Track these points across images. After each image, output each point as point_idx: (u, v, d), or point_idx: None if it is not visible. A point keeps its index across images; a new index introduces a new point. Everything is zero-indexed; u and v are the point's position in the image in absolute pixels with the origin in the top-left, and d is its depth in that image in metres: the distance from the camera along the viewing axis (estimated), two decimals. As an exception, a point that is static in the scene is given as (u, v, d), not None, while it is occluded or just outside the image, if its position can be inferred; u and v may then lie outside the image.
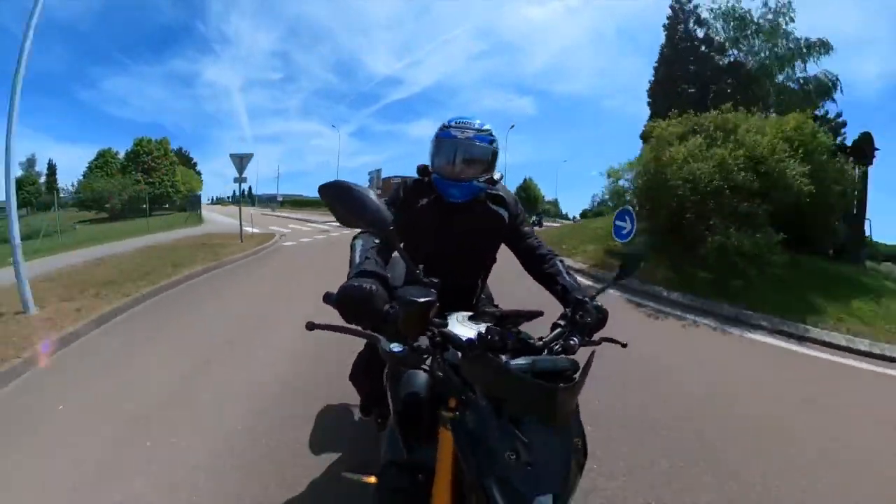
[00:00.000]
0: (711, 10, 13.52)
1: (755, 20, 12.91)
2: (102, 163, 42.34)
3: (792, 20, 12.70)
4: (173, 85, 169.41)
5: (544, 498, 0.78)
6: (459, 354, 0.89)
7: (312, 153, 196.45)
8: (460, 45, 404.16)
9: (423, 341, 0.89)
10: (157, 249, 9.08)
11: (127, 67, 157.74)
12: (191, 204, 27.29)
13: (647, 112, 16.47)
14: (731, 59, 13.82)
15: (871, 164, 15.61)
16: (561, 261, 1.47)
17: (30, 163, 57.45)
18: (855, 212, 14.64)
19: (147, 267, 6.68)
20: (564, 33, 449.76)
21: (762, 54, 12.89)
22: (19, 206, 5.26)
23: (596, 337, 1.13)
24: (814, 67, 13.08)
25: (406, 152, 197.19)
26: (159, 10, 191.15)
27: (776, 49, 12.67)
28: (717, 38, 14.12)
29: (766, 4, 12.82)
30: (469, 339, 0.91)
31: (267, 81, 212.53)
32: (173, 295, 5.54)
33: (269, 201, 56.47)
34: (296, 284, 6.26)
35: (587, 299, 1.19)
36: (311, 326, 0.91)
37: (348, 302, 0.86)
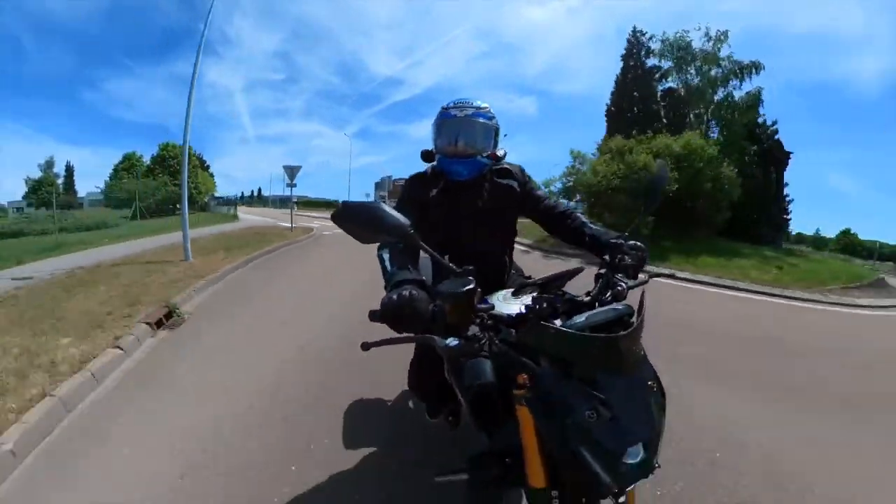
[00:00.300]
0: (662, 41, 16.57)
1: (695, 49, 15.88)
2: (128, 165, 45.68)
3: (728, 46, 15.77)
4: (176, 86, 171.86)
5: (634, 448, 0.80)
6: (513, 331, 0.90)
7: (314, 153, 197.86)
8: (461, 45, 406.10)
9: (475, 329, 0.89)
10: (230, 235, 12.18)
11: (131, 70, 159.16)
12: (226, 204, 30.81)
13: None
14: (667, 87, 16.98)
15: (784, 167, 18.79)
16: (581, 213, 1.47)
17: (48, 164, 59.89)
18: (775, 208, 18.46)
19: (240, 243, 9.82)
20: (565, 33, 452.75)
21: (698, 79, 15.75)
22: (37, 206, 8.33)
23: (643, 275, 1.14)
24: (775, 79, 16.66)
25: (408, 153, 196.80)
26: (162, 13, 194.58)
27: (711, 73, 15.61)
28: (663, 66, 17.20)
29: (706, 34, 15.85)
30: (519, 314, 0.92)
31: (269, 82, 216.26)
32: (272, 257, 8.71)
33: (281, 202, 59.42)
34: (343, 251, 9.38)
35: (621, 241, 1.17)
36: (366, 347, 0.92)
37: (393, 314, 0.90)
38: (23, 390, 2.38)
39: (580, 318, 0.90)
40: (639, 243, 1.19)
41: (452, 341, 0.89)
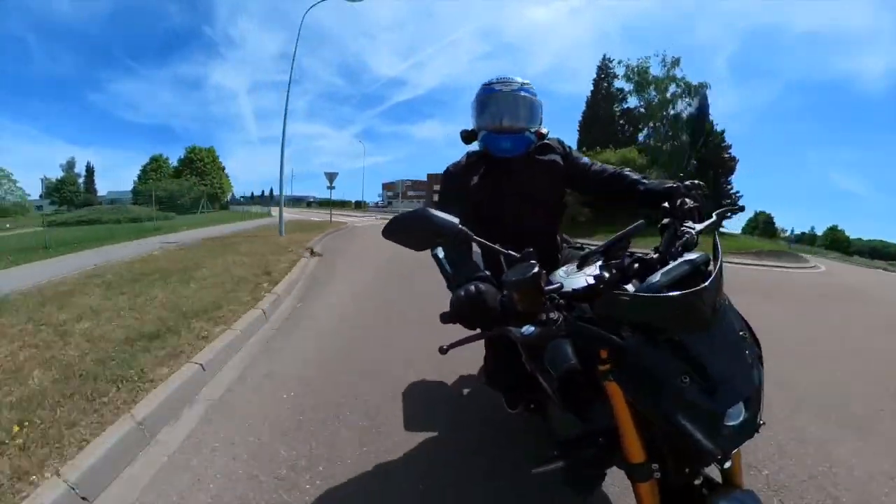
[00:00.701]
0: (626, 66, 20.53)
1: (651, 74, 19.67)
2: (156, 167, 49.59)
3: (681, 69, 19.73)
4: (181, 88, 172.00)
5: (735, 408, 0.76)
6: (587, 306, 0.87)
7: (318, 154, 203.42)
8: (464, 46, 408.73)
9: (548, 312, 0.84)
10: (289, 224, 15.78)
11: (136, 72, 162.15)
12: (240, 204, 34.51)
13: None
14: (625, 107, 20.90)
15: (731, 171, 22.48)
16: (631, 170, 1.43)
17: (70, 165, 64.06)
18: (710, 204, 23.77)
19: (304, 227, 13.58)
20: (567, 33, 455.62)
21: (654, 99, 19.45)
22: (60, 204, 11.69)
23: (710, 216, 1.06)
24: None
25: (411, 153, 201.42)
26: (167, 16, 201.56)
27: (665, 93, 19.41)
28: (625, 89, 21.30)
29: (662, 60, 19.82)
30: (589, 286, 0.87)
31: (273, 83, 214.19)
32: (334, 236, 12.50)
33: (294, 202, 62.99)
34: (375, 234, 13.16)
35: (678, 184, 1.11)
36: (443, 350, 0.91)
37: (463, 312, 0.89)
38: (263, 283, 6.03)
39: (654, 279, 0.84)
40: (697, 181, 1.12)
41: (528, 329, 0.85)
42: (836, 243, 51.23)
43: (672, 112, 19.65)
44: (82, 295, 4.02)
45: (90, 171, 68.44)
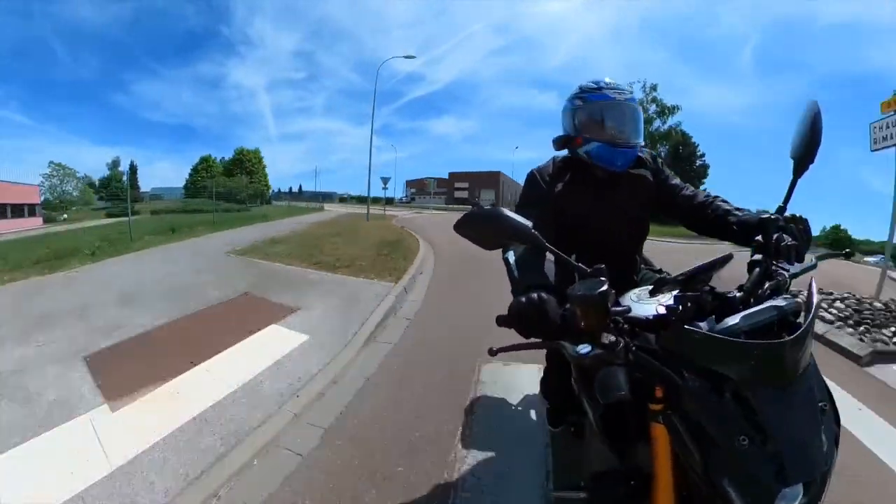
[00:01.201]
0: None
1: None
2: (206, 166, 55.63)
3: (657, 93, 24.79)
4: (201, 87, 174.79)
5: (792, 490, 0.67)
6: (653, 336, 0.80)
7: (336, 151, 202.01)
8: (479, 41, 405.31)
9: (609, 335, 0.80)
10: (352, 215, 21.00)
11: (158, 73, 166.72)
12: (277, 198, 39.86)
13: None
14: None
15: (704, 177, 26.87)
16: (724, 200, 1.30)
17: (114, 164, 69.84)
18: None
19: (374, 217, 18.50)
20: (585, 27, 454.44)
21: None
22: (107, 200, 15.18)
23: (809, 258, 0.94)
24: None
25: (427, 149, 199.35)
26: (185, 18, 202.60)
27: (646, 112, 24.43)
28: None
29: (643, 86, 24.99)
30: (659, 316, 0.81)
31: (291, 81, 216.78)
32: (401, 220, 17.16)
33: (325, 197, 67.85)
34: (432, 220, 17.74)
35: (776, 217, 0.96)
36: (493, 352, 0.91)
37: (521, 319, 0.86)
38: (413, 236, 11.01)
39: (733, 320, 0.76)
40: (799, 215, 0.97)
41: (584, 348, 0.80)
42: (836, 243, 53.07)
43: (651, 128, 25.13)
44: (314, 238, 8.82)
45: (133, 168, 74.71)
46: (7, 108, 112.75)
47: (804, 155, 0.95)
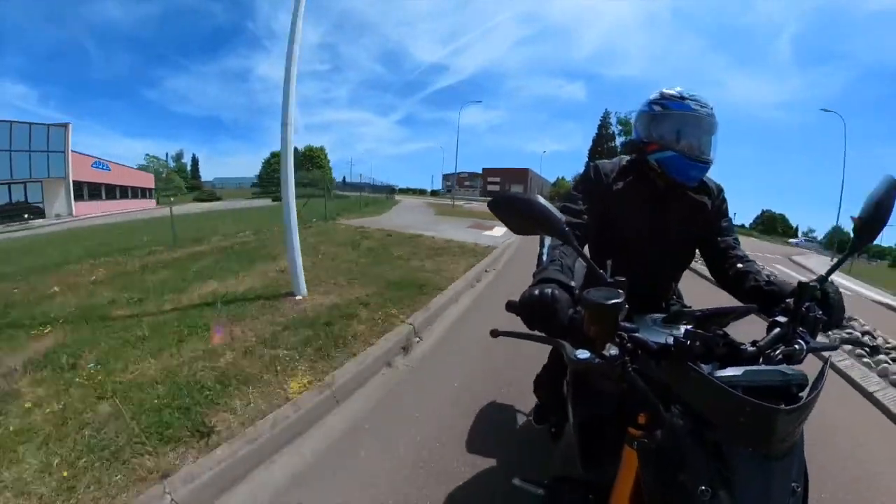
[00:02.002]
0: (616, 118, 35.73)
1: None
2: (276, 161, 66.23)
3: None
4: (228, 81, 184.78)
5: None
6: (653, 363, 0.80)
7: (360, 141, 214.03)
8: (505, 30, 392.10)
9: (611, 348, 0.80)
10: (434, 203, 30.50)
11: (186, 68, 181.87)
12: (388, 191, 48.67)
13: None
14: (619, 143, 35.09)
15: None
16: (760, 267, 1.28)
17: (178, 156, 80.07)
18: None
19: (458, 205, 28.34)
20: (615, 15, 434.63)
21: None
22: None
23: (834, 337, 1.03)
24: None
25: (454, 140, 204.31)
26: (212, 14, 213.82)
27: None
28: (614, 132, 36.98)
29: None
30: (665, 345, 0.80)
31: (316, 73, 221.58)
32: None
33: (374, 189, 76.12)
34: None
35: (815, 283, 0.91)
36: (495, 334, 0.91)
37: (530, 309, 0.85)
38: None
39: (736, 371, 0.75)
40: (838, 294, 0.95)
41: (583, 353, 0.79)
42: (839, 245, 54.33)
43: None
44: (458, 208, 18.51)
45: (195, 162, 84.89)
46: (46, 107, 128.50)
47: (865, 232, 0.88)
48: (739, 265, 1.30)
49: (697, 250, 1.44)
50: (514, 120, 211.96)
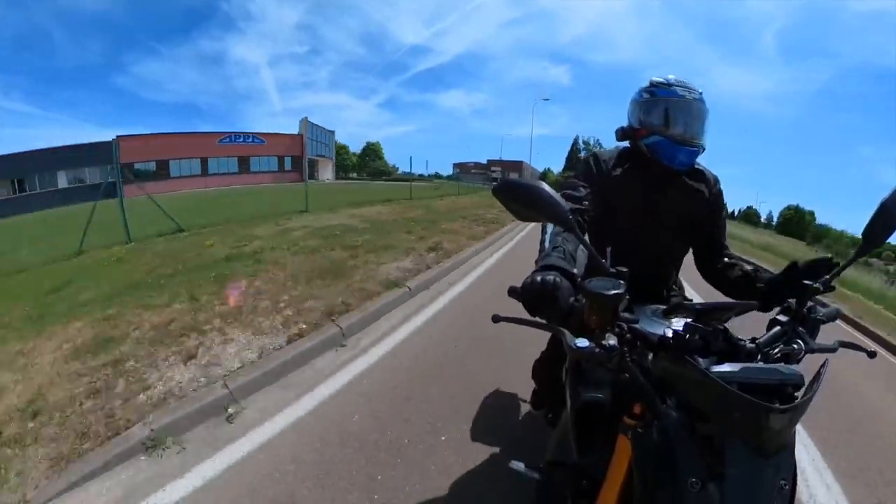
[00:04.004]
0: (584, 142, 38.72)
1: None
2: (345, 152, 66.08)
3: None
4: (203, 65, 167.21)
5: None
6: (651, 355, 0.81)
7: (343, 125, 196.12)
8: (490, 11, 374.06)
9: (611, 338, 0.80)
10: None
11: (158, 52, 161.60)
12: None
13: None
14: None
15: None
16: (748, 262, 1.31)
17: None
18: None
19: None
20: (603, 1, 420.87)
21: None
22: None
23: (833, 341, 0.89)
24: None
25: (436, 123, 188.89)
26: None
27: None
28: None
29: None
30: (663, 337, 0.80)
31: (294, 55, 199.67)
32: None
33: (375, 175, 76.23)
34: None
35: (818, 284, 0.88)
36: (496, 319, 0.91)
37: (532, 296, 0.85)
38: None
39: (733, 367, 0.74)
40: (835, 308, 0.95)
41: (582, 342, 0.79)
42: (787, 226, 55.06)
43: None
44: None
45: None
46: (9, 99, 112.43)
47: (872, 237, 0.85)
48: (726, 259, 1.36)
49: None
50: (498, 103, 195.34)
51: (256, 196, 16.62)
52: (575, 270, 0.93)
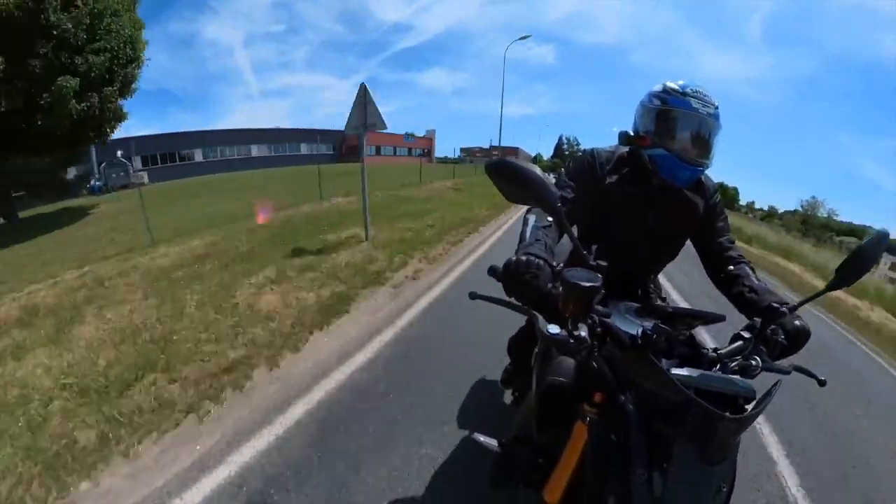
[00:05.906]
0: (567, 140, 42.49)
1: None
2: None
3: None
4: (174, 48, 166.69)
5: None
6: (618, 350, 0.83)
7: (322, 106, 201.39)
8: None
9: (582, 328, 0.82)
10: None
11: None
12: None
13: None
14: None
15: None
16: (752, 268, 1.28)
17: None
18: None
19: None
20: None
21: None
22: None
23: (785, 363, 0.92)
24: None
25: (418, 103, 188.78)
26: None
27: None
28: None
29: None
30: (631, 335, 0.82)
31: (270, 35, 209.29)
32: None
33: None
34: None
35: (785, 309, 0.96)
36: (473, 296, 0.94)
37: (511, 277, 0.87)
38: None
39: (692, 373, 0.79)
40: (805, 325, 0.97)
41: (554, 329, 0.81)
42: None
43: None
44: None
45: None
46: None
47: (845, 276, 0.90)
48: (731, 267, 1.29)
49: (693, 246, 1.45)
50: (480, 83, 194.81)
51: (413, 168, 22.02)
52: (554, 263, 0.94)
